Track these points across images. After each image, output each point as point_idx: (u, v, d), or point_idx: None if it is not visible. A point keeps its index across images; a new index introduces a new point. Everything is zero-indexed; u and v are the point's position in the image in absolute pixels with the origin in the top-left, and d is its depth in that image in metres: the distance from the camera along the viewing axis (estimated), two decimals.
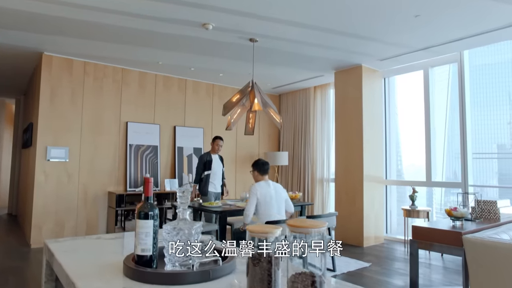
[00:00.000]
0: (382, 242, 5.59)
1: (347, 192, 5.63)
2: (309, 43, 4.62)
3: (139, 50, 4.97)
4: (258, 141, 7.42)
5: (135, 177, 5.70)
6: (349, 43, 4.61)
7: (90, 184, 5.39)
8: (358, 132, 5.52)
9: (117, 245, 1.52)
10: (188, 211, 1.11)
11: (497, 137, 4.93)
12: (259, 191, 3.50)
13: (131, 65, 5.70)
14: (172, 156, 6.24)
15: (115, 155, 5.64)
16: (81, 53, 5.15)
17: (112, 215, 5.35)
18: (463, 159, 4.97)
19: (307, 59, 5.30)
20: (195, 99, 6.58)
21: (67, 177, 5.21)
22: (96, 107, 5.51)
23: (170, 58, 5.30)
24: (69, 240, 1.58)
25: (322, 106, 6.94)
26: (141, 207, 1.10)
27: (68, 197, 5.20)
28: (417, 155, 5.79)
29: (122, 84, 5.78)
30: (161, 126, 6.15)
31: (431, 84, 5.44)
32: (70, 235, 5.18)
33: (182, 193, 1.10)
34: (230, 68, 5.83)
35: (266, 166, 3.71)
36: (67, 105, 5.26)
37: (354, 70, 5.65)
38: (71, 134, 5.27)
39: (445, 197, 5.56)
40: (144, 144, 5.89)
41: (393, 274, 3.95)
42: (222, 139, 4.90)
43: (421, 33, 4.26)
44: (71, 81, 5.32)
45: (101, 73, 5.59)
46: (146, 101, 6.02)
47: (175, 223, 1.10)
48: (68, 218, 5.19)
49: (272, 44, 4.68)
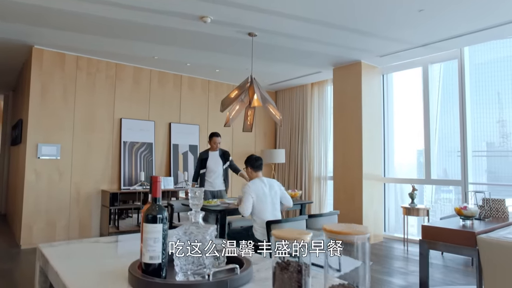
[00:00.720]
0: (381, 241, 5.54)
1: (346, 190, 5.55)
2: (309, 38, 4.51)
3: (134, 44, 4.82)
4: (254, 139, 7.31)
5: (129, 175, 5.55)
6: (350, 38, 4.52)
7: (83, 183, 5.23)
8: (358, 129, 5.44)
9: (118, 250, 1.40)
10: (201, 214, 0.99)
11: (486, 135, 4.95)
12: (253, 190, 3.37)
13: (126, 60, 5.53)
14: (168, 153, 6.10)
15: (108, 153, 5.48)
16: (74, 47, 4.97)
17: (105, 214, 5.20)
18: (463, 156, 4.93)
19: (306, 54, 5.20)
20: (190, 96, 6.44)
21: (58, 175, 5.04)
22: (89, 103, 5.34)
23: (166, 52, 5.15)
24: (64, 244, 1.45)
25: (320, 103, 6.85)
26: (148, 209, 0.98)
27: (59, 195, 5.03)
28: (409, 153, 5.75)
29: (116, 80, 5.62)
30: (156, 123, 6.00)
31: (430, 81, 5.39)
32: (62, 235, 5.02)
33: (195, 194, 0.98)
34: (227, 64, 5.70)
35: (259, 161, 3.59)
36: (58, 101, 5.08)
37: (353, 66, 5.57)
38: (63, 130, 5.10)
39: (435, 194, 5.55)
40: (139, 141, 5.74)
41: (394, 273, 3.89)
42: (218, 136, 4.74)
43: (424, 29, 4.18)
44: (63, 77, 5.14)
45: (94, 68, 5.42)
46: (141, 97, 5.87)
47: (185, 227, 0.98)
48: (60, 217, 5.03)
49: (271, 39, 4.57)
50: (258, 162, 3.59)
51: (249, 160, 3.61)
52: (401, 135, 5.82)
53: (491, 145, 5.00)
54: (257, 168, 3.58)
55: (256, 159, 3.60)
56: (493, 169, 5.05)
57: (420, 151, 5.53)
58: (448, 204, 5.42)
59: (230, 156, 4.77)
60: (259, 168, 3.58)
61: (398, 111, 5.90)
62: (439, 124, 5.33)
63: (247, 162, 3.64)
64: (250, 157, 3.63)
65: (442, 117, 5.31)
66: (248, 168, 3.60)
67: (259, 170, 3.59)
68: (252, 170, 3.58)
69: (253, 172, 3.58)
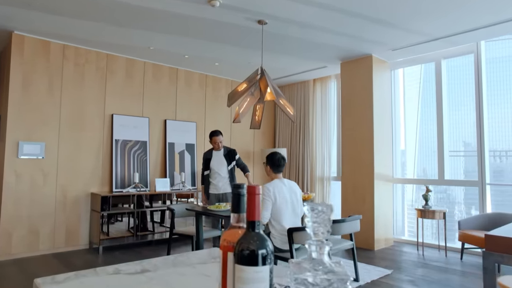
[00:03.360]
0: (392, 245, 5.25)
1: (355, 191, 5.24)
2: (321, 27, 4.17)
3: (128, 32, 4.35)
4: (253, 137, 6.92)
5: (122, 176, 5.07)
6: (366, 28, 4.19)
7: (70, 185, 4.72)
8: (369, 128, 5.13)
9: (156, 286, 1.00)
10: (328, 248, 0.60)
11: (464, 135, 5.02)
12: (273, 193, 2.98)
13: (118, 50, 5.04)
14: (163, 152, 5.64)
15: (98, 152, 4.98)
16: (59, 34, 4.46)
17: (96, 220, 4.71)
18: (479, 156, 4.69)
19: (314, 47, 4.85)
20: (187, 91, 5.99)
21: (42, 176, 4.51)
22: (77, 97, 4.83)
23: (164, 42, 4.70)
24: (72, 279, 1.03)
25: (323, 100, 6.53)
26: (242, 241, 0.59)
27: (43, 199, 4.51)
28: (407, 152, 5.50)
29: (107, 72, 5.12)
30: (151, 120, 5.53)
31: (443, 76, 5.14)
32: (46, 244, 4.50)
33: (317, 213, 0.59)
34: (229, 56, 5.29)
35: (282, 162, 3.18)
36: (42, 94, 4.56)
37: (363, 60, 5.26)
38: (48, 127, 4.58)
39: (416, 193, 5.41)
40: (132, 140, 5.26)
41: (420, 282, 3.58)
42: (219, 134, 4.28)
43: (447, 19, 3.90)
44: (48, 67, 4.62)
45: (83, 58, 4.91)
46: (134, 92, 5.39)
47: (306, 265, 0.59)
48: (44, 224, 4.51)
49: (281, 29, 4.20)
50: (280, 162, 3.16)
51: (271, 159, 3.18)
52: (408, 134, 5.55)
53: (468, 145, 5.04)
54: (278, 171, 3.18)
55: (279, 159, 3.16)
56: (471, 168, 5.02)
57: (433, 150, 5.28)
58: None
59: (237, 154, 4.35)
60: (279, 171, 3.19)
61: (404, 109, 5.63)
62: (449, 122, 5.09)
63: (269, 159, 3.22)
64: (273, 156, 3.19)
65: (451, 114, 5.08)
66: (268, 166, 3.20)
67: (279, 170, 3.19)
68: (272, 170, 3.18)
69: (272, 173, 3.19)
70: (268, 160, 3.20)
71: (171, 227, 4.07)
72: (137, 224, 4.93)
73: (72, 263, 4.14)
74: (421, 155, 5.42)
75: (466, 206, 4.98)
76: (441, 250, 4.88)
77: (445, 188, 5.14)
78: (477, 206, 4.79)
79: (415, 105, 5.49)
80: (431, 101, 5.31)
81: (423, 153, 5.39)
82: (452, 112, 5.10)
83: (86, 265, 4.09)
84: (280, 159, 3.18)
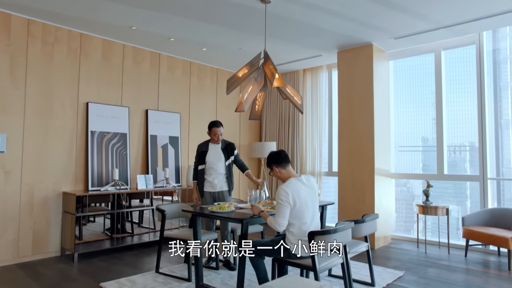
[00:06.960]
0: (390, 242, 5.06)
1: (354, 187, 4.98)
2: (326, 9, 3.80)
3: (105, 7, 3.75)
4: (239, 131, 6.49)
5: (99, 172, 4.47)
6: (372, 10, 3.86)
7: (38, 183, 4.07)
8: (369, 121, 4.87)
9: None
10: None
11: (421, 131, 5.20)
12: (292, 196, 2.59)
13: (93, 29, 4.41)
14: (144, 146, 5.07)
15: (71, 145, 4.35)
16: (23, 6, 3.78)
17: (69, 223, 4.10)
18: (481, 150, 4.58)
19: (314, 32, 4.49)
20: (170, 78, 5.44)
21: (3, 173, 3.84)
22: (45, 81, 4.16)
23: (147, 21, 4.14)
24: None
25: (313, 91, 6.21)
26: None
27: (5, 201, 3.84)
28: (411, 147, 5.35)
29: (80, 54, 4.47)
30: (131, 109, 4.94)
31: (442, 67, 4.99)
32: (9, 254, 3.84)
33: None
34: (220, 40, 4.80)
35: (282, 153, 2.81)
36: (3, 76, 3.87)
37: (363, 49, 4.98)
38: (9, 116, 3.90)
39: (396, 187, 5.38)
40: (110, 132, 4.65)
41: (437, 284, 3.35)
42: (219, 125, 3.81)
43: (460, 4, 3.68)
44: (9, 45, 3.92)
45: (52, 37, 4.24)
46: (112, 78, 4.77)
47: None
48: (5, 229, 3.84)
49: (284, 9, 3.79)
50: (282, 154, 2.80)
51: (270, 159, 2.82)
52: (407, 128, 5.37)
53: (425, 141, 5.11)
54: (285, 163, 2.79)
55: (279, 152, 2.81)
56: (428, 161, 5.10)
57: (428, 144, 5.13)
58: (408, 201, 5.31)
59: (236, 150, 3.91)
60: (286, 162, 2.80)
61: (399, 101, 5.44)
62: (447, 116, 4.96)
63: (269, 163, 2.83)
64: (269, 156, 2.83)
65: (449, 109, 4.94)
66: (275, 168, 2.79)
67: (288, 164, 2.80)
68: (281, 168, 2.78)
69: (282, 171, 2.79)
70: (270, 164, 2.82)
71: (161, 231, 3.58)
72: (115, 225, 4.36)
73: (42, 274, 3.54)
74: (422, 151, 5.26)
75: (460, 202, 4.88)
76: (441, 247, 4.74)
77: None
78: (471, 201, 4.75)
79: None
80: (430, 92, 5.14)
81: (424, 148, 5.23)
82: (450, 109, 4.95)
83: (60, 276, 3.51)
84: (280, 152, 2.82)
